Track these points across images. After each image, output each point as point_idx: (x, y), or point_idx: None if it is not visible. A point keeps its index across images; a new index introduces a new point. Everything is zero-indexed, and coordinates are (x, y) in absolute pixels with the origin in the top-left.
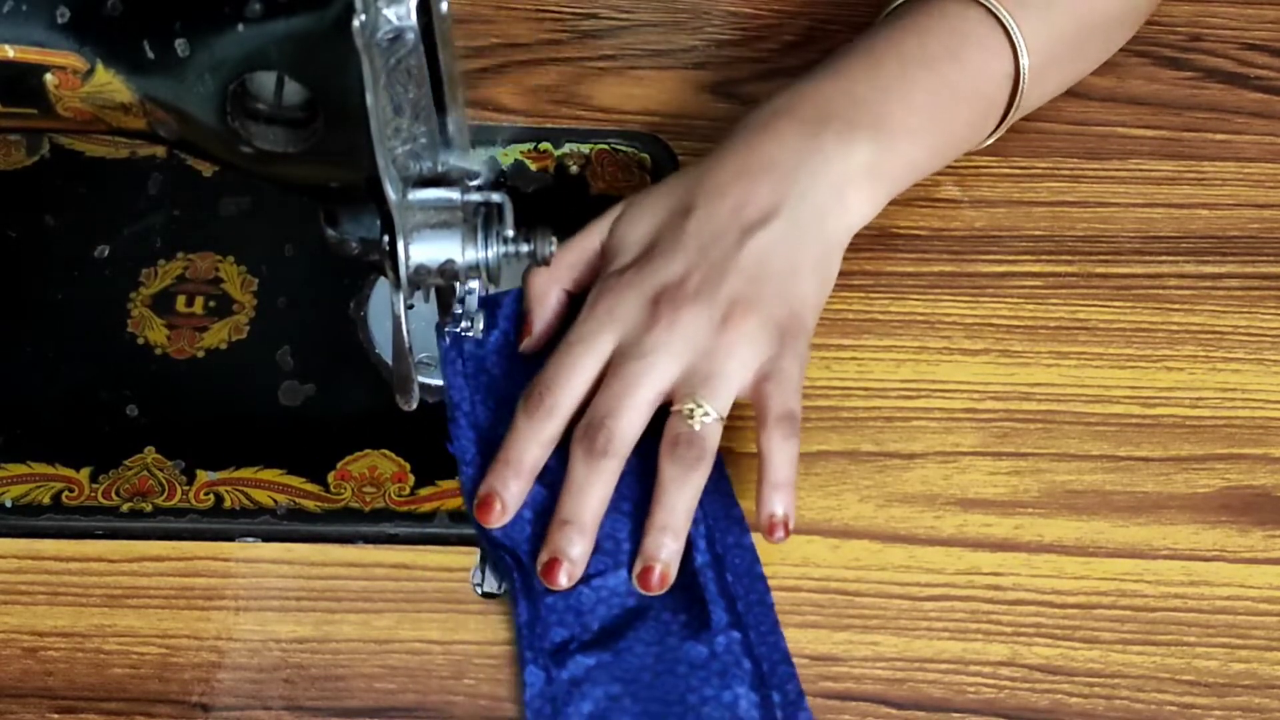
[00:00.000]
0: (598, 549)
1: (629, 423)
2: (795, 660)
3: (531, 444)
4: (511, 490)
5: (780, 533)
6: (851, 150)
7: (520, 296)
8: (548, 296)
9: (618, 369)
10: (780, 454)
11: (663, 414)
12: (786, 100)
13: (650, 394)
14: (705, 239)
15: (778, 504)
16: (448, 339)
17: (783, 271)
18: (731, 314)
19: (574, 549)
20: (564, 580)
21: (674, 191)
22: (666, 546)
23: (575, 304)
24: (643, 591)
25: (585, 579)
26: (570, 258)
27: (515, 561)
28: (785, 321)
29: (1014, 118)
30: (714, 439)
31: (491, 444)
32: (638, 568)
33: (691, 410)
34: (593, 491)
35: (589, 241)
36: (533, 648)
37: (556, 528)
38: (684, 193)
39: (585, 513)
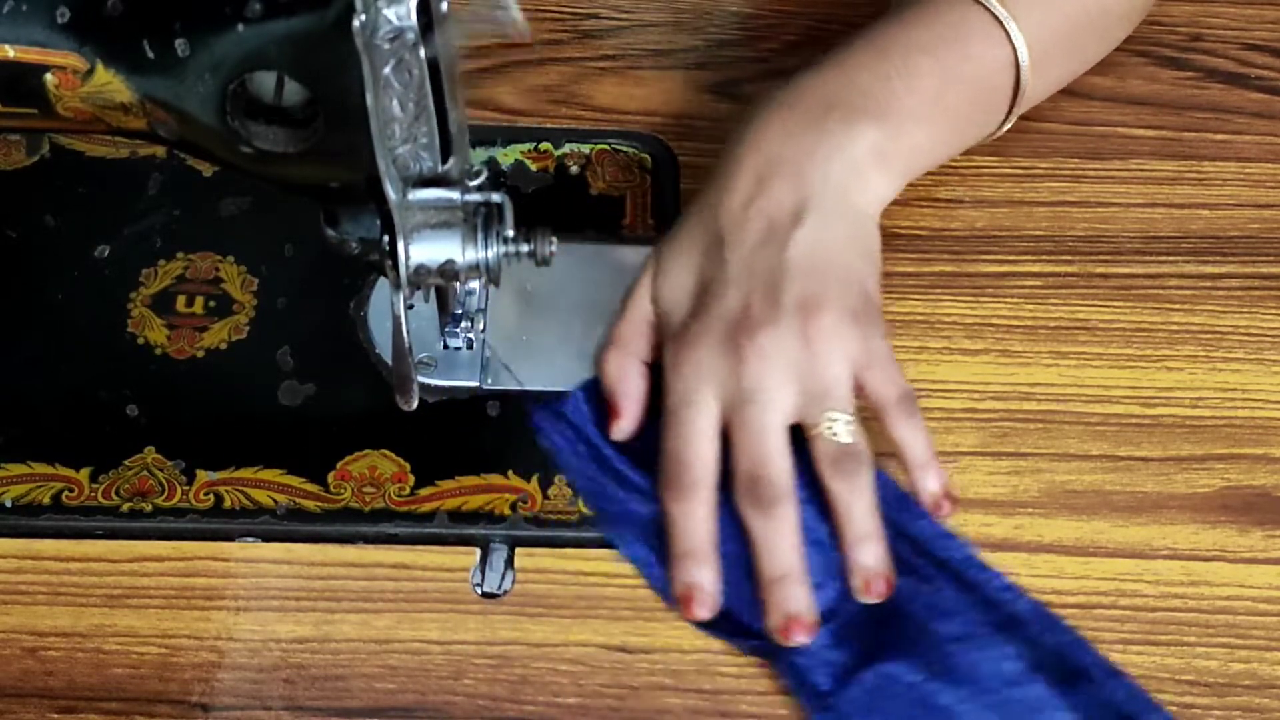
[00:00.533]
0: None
1: (780, 463)
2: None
3: (697, 526)
4: (705, 576)
5: (947, 507)
6: (857, 135)
7: (587, 394)
8: (626, 374)
9: (739, 419)
10: (912, 434)
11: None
12: (788, 93)
13: (780, 427)
14: (748, 260)
15: (932, 481)
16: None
17: (833, 259)
18: (807, 319)
19: (799, 604)
20: (804, 638)
21: (697, 227)
22: (874, 553)
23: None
24: (872, 600)
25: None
26: (630, 330)
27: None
28: (856, 305)
29: (1020, 108)
30: (861, 438)
31: (653, 528)
32: (857, 583)
33: (831, 427)
34: (784, 540)
35: (640, 307)
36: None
37: (775, 588)
38: (707, 223)
39: (788, 562)
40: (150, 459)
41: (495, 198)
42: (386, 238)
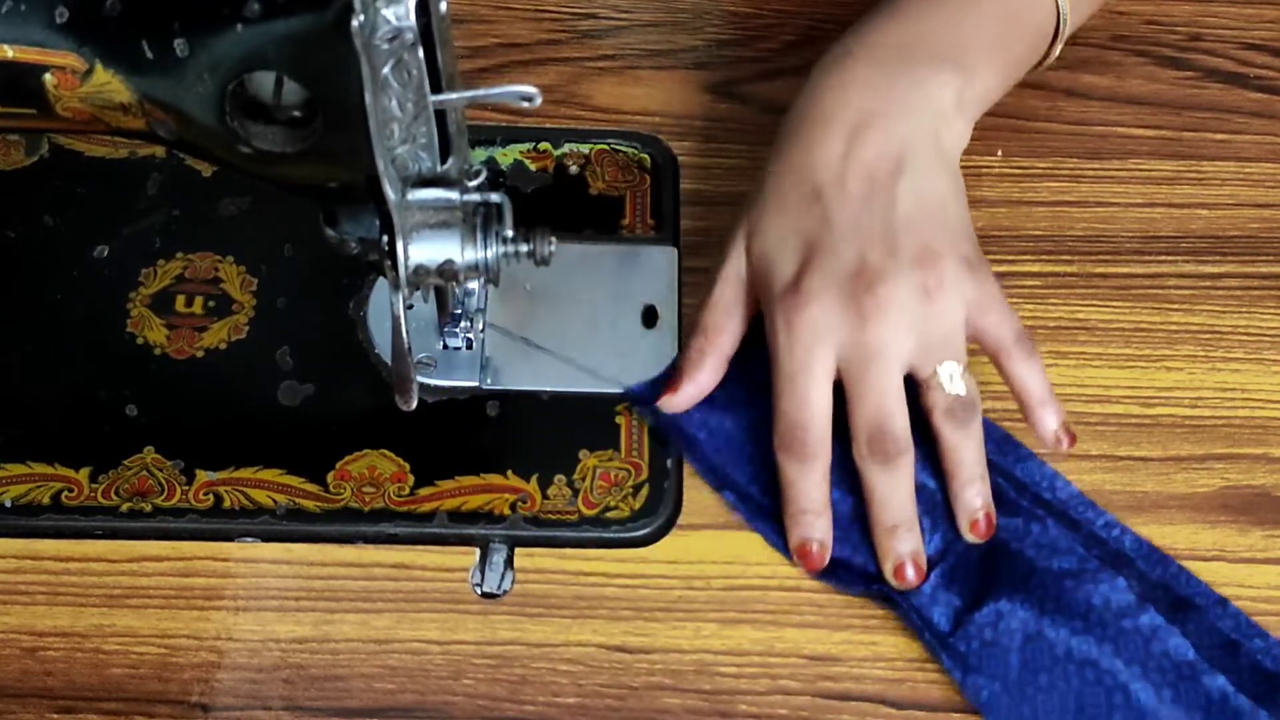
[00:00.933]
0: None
1: (901, 420)
2: (794, 660)
3: (814, 487)
4: (820, 529)
5: (1067, 442)
6: (941, 84)
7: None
8: (704, 366)
9: (859, 376)
10: (1031, 375)
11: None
12: (859, 44)
13: (900, 381)
14: (856, 215)
15: (1051, 419)
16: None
17: (937, 208)
18: (926, 271)
19: (909, 547)
20: (913, 576)
21: (790, 187)
22: (981, 494)
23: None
24: (978, 540)
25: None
26: (720, 311)
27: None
28: (968, 251)
29: (1061, 41)
30: (974, 388)
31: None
32: (965, 524)
33: (950, 376)
34: (901, 492)
35: (732, 279)
36: (945, 647)
37: (887, 536)
38: (801, 181)
39: (904, 512)
40: (150, 459)
41: (494, 198)
42: (386, 238)
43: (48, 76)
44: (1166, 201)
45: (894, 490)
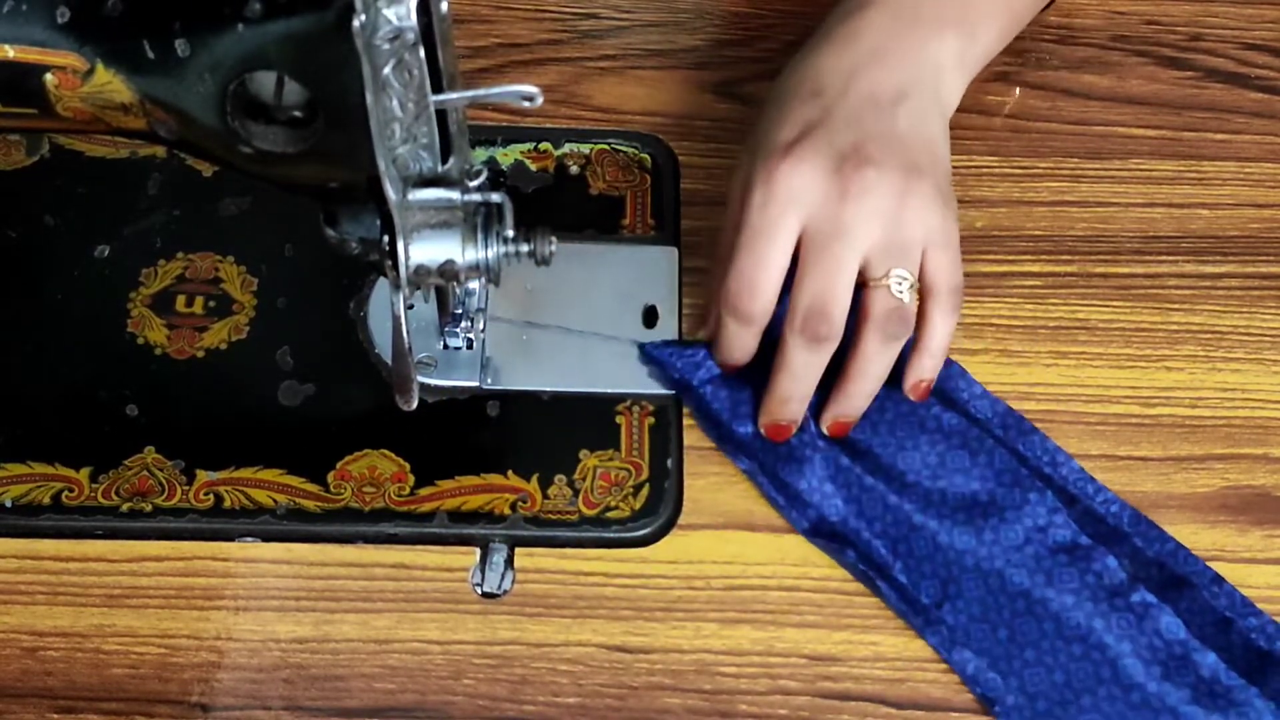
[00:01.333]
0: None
1: (844, 306)
2: (794, 660)
3: (743, 345)
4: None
5: (921, 391)
6: (943, 42)
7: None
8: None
9: (819, 250)
10: (944, 325)
11: None
12: (868, 1)
13: (854, 269)
14: (859, 111)
15: (928, 369)
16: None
17: (931, 142)
18: (908, 179)
19: (791, 416)
20: (780, 437)
21: (790, 86)
22: (858, 407)
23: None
24: (832, 437)
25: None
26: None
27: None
28: (945, 188)
29: None
30: (915, 308)
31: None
32: (828, 422)
33: (900, 281)
34: (812, 374)
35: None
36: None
37: (779, 404)
38: (801, 82)
39: (803, 390)
40: (150, 459)
41: (495, 198)
42: (386, 238)
43: (49, 76)
44: (1167, 201)
45: (807, 370)
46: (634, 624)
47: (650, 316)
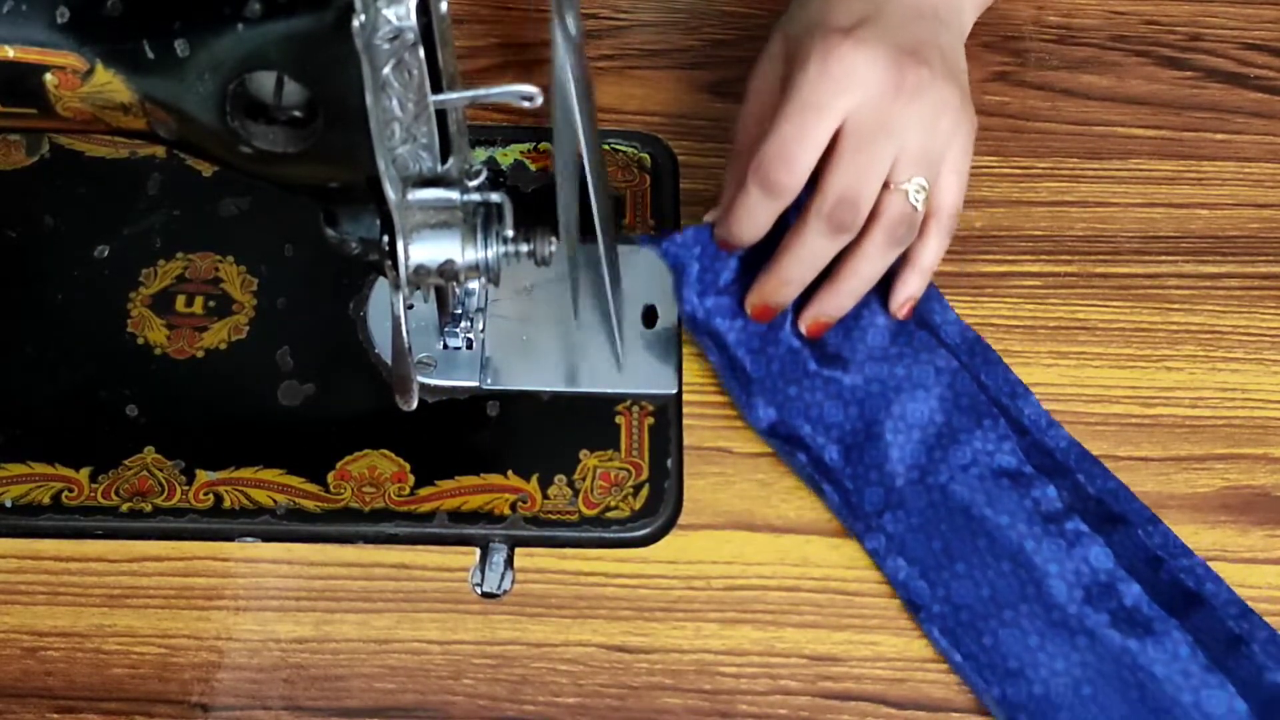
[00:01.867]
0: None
1: (871, 201)
2: (794, 660)
3: (758, 221)
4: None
5: (904, 311)
6: None
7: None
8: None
9: (867, 142)
10: (938, 245)
11: None
12: None
13: (888, 169)
14: (907, 17)
15: (916, 286)
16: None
17: (961, 62)
18: (953, 95)
19: (783, 300)
20: (764, 318)
21: None
22: (843, 307)
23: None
24: (809, 337)
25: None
26: (757, 115)
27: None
28: (973, 112)
29: None
30: (921, 219)
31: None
32: (809, 319)
33: (920, 191)
34: (819, 263)
35: (762, 93)
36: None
37: (778, 283)
38: None
39: (805, 276)
40: (150, 459)
41: (495, 198)
42: (386, 238)
43: (48, 76)
44: (1166, 201)
45: (815, 258)
46: (634, 624)
47: (650, 316)
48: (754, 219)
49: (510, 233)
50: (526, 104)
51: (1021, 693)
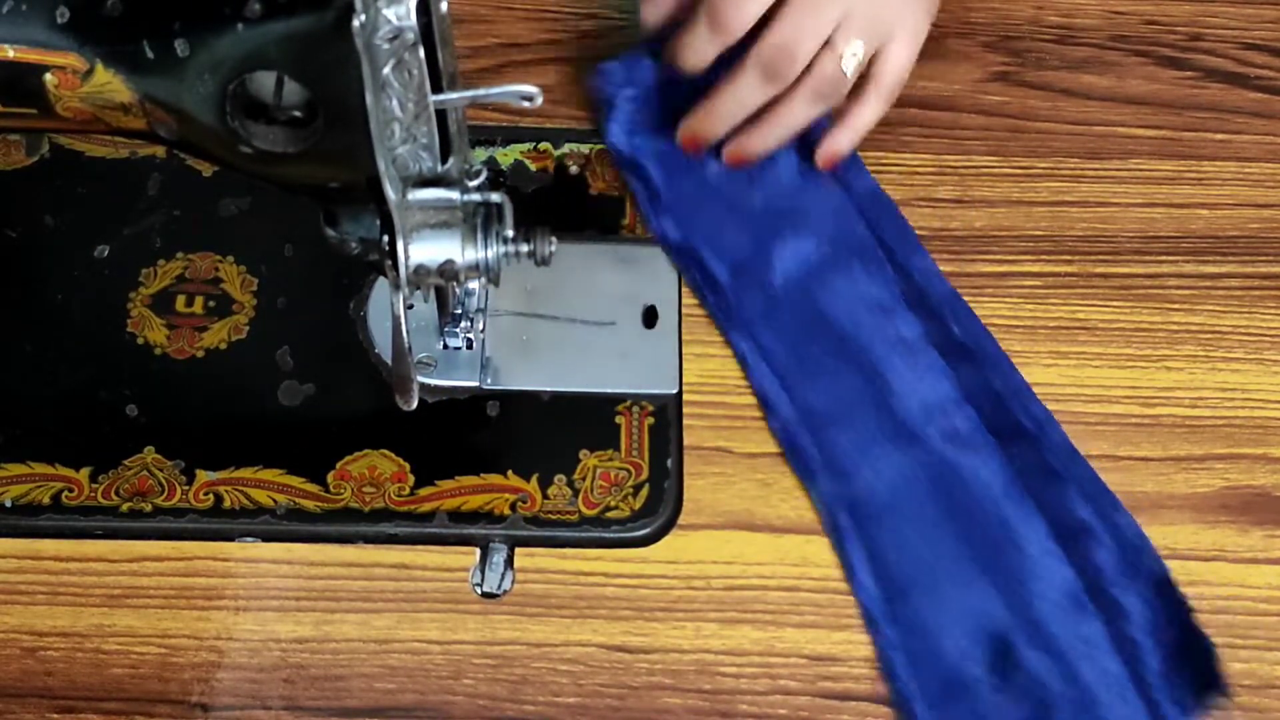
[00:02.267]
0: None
1: (809, 56)
2: (794, 660)
3: (701, 55)
4: (718, 129)
5: (827, 161)
6: None
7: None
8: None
9: (813, 1)
10: (874, 110)
11: None
12: None
13: (831, 28)
14: None
15: (845, 143)
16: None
17: None
18: None
19: (713, 133)
20: (691, 147)
21: None
22: (758, 149)
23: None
24: (731, 168)
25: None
26: None
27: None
28: (932, 6)
29: None
30: (851, 84)
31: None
32: (730, 147)
33: (853, 56)
34: (750, 105)
35: None
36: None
37: (709, 117)
38: None
39: (737, 117)
40: (150, 459)
41: (495, 198)
42: (386, 238)
43: (48, 76)
44: (1166, 201)
45: (747, 100)
46: (634, 624)
47: (650, 317)
48: (698, 51)
49: (510, 233)
50: (526, 104)
51: (846, 490)
